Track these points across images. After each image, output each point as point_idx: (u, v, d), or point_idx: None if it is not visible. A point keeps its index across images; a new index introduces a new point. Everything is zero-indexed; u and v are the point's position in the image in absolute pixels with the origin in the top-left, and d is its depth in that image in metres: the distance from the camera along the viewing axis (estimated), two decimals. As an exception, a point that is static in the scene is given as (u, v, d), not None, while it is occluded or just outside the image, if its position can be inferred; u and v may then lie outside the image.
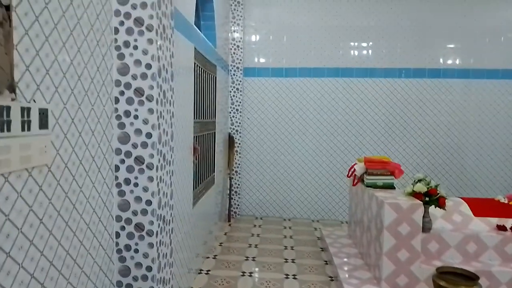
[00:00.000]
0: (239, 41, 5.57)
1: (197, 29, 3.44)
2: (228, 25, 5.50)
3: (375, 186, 3.65)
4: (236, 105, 5.63)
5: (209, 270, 3.77)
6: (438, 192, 3.25)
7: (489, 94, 5.44)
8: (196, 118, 3.54)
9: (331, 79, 5.59)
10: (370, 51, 5.54)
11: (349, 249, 4.06)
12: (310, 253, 4.30)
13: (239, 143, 5.69)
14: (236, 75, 5.59)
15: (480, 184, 5.53)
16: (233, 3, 5.53)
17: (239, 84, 5.61)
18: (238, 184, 5.72)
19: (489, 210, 3.59)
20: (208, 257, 4.11)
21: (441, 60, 5.47)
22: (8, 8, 1.14)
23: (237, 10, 5.53)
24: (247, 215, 5.79)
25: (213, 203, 4.68)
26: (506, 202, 3.68)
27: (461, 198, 3.80)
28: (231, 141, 5.57)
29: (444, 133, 5.53)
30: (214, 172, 4.54)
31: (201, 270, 3.77)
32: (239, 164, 5.70)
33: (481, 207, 3.62)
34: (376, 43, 5.51)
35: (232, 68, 5.59)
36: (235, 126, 5.66)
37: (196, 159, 3.53)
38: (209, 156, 4.31)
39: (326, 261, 4.07)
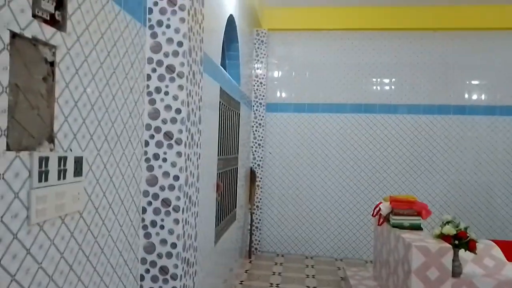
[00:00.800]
0: (263, 78, 5.68)
1: (222, 69, 3.54)
2: (252, 63, 5.64)
3: (401, 227, 3.55)
4: (258, 140, 5.67)
5: (229, 310, 3.69)
6: (468, 235, 3.13)
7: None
8: (220, 155, 3.57)
9: (354, 115, 5.59)
10: (393, 87, 5.54)
11: (375, 292, 3.91)
12: (334, 295, 4.17)
13: (261, 178, 5.68)
14: (259, 111, 5.66)
15: (511, 225, 5.30)
16: (256, 42, 5.68)
17: (261, 119, 5.67)
18: (259, 220, 5.67)
19: (523, 255, 3.42)
20: (228, 296, 4.03)
21: (466, 96, 5.42)
22: (52, 64, 1.21)
23: (261, 49, 5.67)
24: (268, 251, 5.70)
25: (234, 239, 4.64)
26: (541, 246, 3.51)
27: (492, 240, 3.64)
28: (252, 175, 5.57)
29: (471, 170, 5.39)
30: (235, 207, 4.53)
31: (221, 310, 3.70)
32: (260, 199, 5.67)
33: (515, 251, 3.46)
34: (399, 79, 5.51)
35: (255, 104, 5.67)
36: (257, 161, 5.67)
37: (219, 196, 3.54)
38: (232, 191, 4.31)
39: (350, 304, 3.93)
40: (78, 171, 1.35)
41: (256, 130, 5.68)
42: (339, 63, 5.61)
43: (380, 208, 3.88)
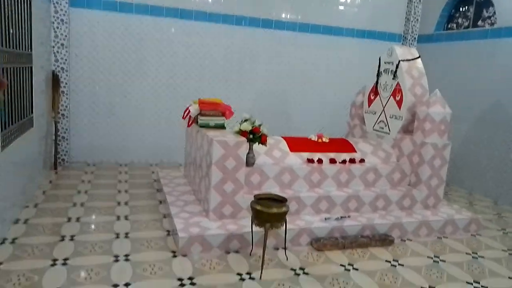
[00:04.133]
0: (63, -37, 4.82)
1: None
2: None
3: (207, 126, 3.79)
4: (60, 39, 4.96)
5: (28, 219, 3.41)
6: (261, 130, 3.57)
7: (311, 48, 6.10)
8: None
9: (171, 19, 5.39)
10: (209, -5, 5.52)
11: (183, 188, 4.20)
12: (145, 195, 4.30)
13: (66, 83, 5.10)
14: (61, 4, 4.88)
15: (300, 126, 6.26)
16: None
17: (64, 14, 4.92)
18: (66, 129, 5.19)
19: (303, 146, 4.14)
20: (27, 206, 3.70)
21: (274, 13, 5.83)
22: None
23: None
24: (78, 162, 5.36)
25: (35, 150, 4.17)
26: (316, 140, 4.29)
27: (282, 137, 4.27)
28: (55, 80, 4.94)
29: (273, 81, 6.03)
30: (32, 113, 3.99)
31: (18, 219, 3.38)
32: (66, 106, 5.15)
33: (297, 144, 4.15)
34: (215, -13, 5.50)
35: (55, -5, 4.84)
36: (60, 64, 5.02)
37: (3, 95, 3.03)
38: (24, 94, 3.74)
39: (160, 201, 4.13)
40: None
41: (57, 27, 4.93)
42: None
43: (189, 111, 4.03)
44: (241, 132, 3.54)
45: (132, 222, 3.55)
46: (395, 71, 4.32)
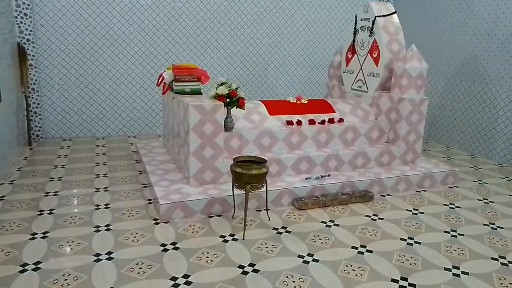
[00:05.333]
0: None
1: None
2: None
3: (183, 92, 3.70)
4: (23, 8, 4.70)
5: (3, 196, 3.33)
6: (237, 93, 3.50)
7: (287, 9, 5.96)
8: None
9: (138, -16, 5.16)
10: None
11: (163, 157, 4.15)
12: (124, 166, 4.24)
13: (34, 56, 4.88)
14: (19, -29, 4.60)
15: (279, 89, 6.21)
16: None
17: (24, -18, 4.64)
18: (38, 104, 5.02)
19: (282, 109, 4.10)
20: (2, 184, 3.61)
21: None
22: None
23: None
24: (53, 137, 5.22)
25: (4, 126, 4.02)
26: (295, 102, 4.26)
27: (260, 101, 4.22)
28: (22, 53, 4.72)
29: (250, 45, 5.90)
30: (-2, 87, 3.82)
31: (-8, 197, 3.31)
32: (36, 80, 4.95)
33: (276, 107, 4.11)
34: None
35: (12, -39, 4.54)
36: (25, 35, 4.78)
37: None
38: (-12, 67, 3.56)
39: (140, 171, 4.08)
40: None
41: (18, -4, 4.66)
42: None
43: (163, 77, 3.91)
44: (218, 96, 3.47)
45: (112, 193, 3.51)
46: (372, 28, 4.26)
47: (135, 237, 2.75)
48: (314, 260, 2.57)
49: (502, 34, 4.87)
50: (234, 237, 2.82)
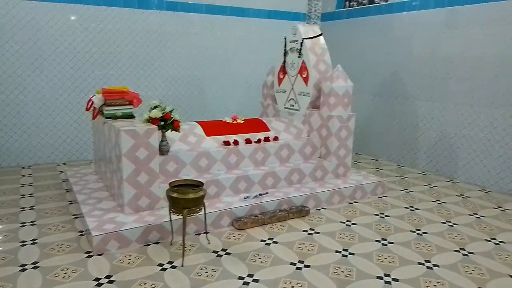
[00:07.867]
0: None
1: None
2: None
3: (114, 117, 3.59)
4: None
5: None
6: (172, 116, 3.48)
7: (219, 30, 6.06)
8: None
9: (66, 5, 4.95)
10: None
11: (95, 184, 3.97)
12: (53, 197, 3.99)
13: None
14: None
15: (216, 110, 6.24)
16: None
17: None
18: (-49, 133, 4.59)
19: (218, 130, 4.13)
20: None
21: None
22: None
23: None
24: (-29, 169, 4.79)
25: None
26: (231, 122, 4.31)
27: (196, 122, 4.21)
28: None
29: (184, 66, 5.89)
30: None
31: None
32: None
33: (212, 127, 4.13)
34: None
35: None
36: None
37: None
38: None
39: (70, 201, 3.86)
40: None
41: None
42: None
43: (93, 101, 3.79)
44: (151, 120, 3.42)
45: (40, 226, 3.28)
46: (300, 49, 4.47)
47: (65, 273, 2.59)
48: (254, 280, 2.58)
49: (418, 53, 5.34)
50: (173, 264, 2.76)
